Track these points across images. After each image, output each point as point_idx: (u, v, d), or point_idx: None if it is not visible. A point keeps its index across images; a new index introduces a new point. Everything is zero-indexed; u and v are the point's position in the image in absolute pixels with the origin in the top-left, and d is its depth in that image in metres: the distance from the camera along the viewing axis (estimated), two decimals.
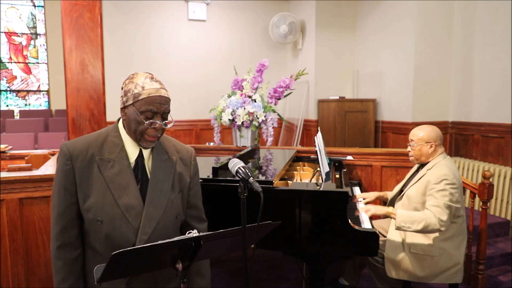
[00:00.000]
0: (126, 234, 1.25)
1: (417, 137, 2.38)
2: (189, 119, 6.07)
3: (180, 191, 1.38)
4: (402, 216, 2.19)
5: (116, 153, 1.28)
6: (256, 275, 3.09)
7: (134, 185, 1.28)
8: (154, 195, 1.29)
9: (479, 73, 4.29)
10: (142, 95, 1.24)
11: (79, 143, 1.29)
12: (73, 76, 2.86)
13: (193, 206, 1.47)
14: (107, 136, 1.31)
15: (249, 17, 6.33)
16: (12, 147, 4.01)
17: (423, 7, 4.52)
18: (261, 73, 3.63)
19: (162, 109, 1.26)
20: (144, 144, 1.28)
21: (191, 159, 1.45)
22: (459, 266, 2.29)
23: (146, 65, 5.78)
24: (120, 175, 1.27)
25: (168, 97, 1.30)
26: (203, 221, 1.51)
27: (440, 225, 2.14)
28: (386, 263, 2.34)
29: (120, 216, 1.25)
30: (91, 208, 1.25)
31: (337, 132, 5.11)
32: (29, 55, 7.59)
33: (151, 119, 1.25)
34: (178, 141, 1.48)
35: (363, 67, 5.61)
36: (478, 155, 4.29)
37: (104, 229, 1.24)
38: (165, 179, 1.33)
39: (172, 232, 1.34)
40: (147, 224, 1.26)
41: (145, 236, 1.25)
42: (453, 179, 2.21)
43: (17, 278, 2.22)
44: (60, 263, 1.27)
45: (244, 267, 1.30)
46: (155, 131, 1.27)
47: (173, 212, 1.34)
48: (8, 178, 2.16)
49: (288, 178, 2.69)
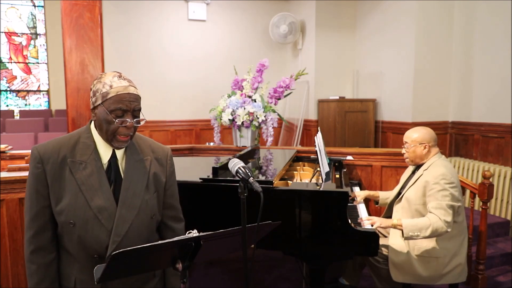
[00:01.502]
0: (99, 236, 1.24)
1: (410, 139, 2.39)
2: (189, 119, 6.07)
3: (155, 191, 1.36)
4: (408, 226, 2.16)
5: (88, 155, 1.27)
6: (256, 275, 3.09)
7: (106, 187, 1.26)
8: (127, 196, 1.28)
9: (479, 73, 4.28)
10: (110, 93, 1.23)
11: (50, 145, 1.27)
12: (73, 76, 2.86)
13: (170, 206, 1.44)
14: (79, 137, 1.30)
15: (249, 17, 6.33)
16: (12, 147, 4.00)
17: (423, 7, 4.52)
18: (261, 73, 3.63)
19: (132, 107, 1.25)
20: (116, 144, 1.27)
21: (167, 158, 1.43)
22: (463, 265, 2.29)
23: (146, 65, 5.79)
24: (92, 177, 1.25)
25: (138, 95, 1.28)
26: (180, 221, 1.49)
27: (447, 227, 2.14)
28: (390, 267, 2.32)
29: (92, 218, 1.23)
30: (63, 211, 1.23)
31: (337, 132, 5.11)
32: (29, 55, 7.59)
33: (121, 118, 1.23)
34: (154, 141, 1.46)
35: (363, 67, 5.61)
36: (478, 155, 4.29)
37: (77, 232, 1.23)
38: (138, 179, 1.31)
39: (146, 233, 1.33)
40: (120, 226, 1.25)
41: (118, 238, 1.24)
42: (451, 178, 2.21)
43: (17, 278, 2.22)
44: (34, 267, 1.26)
45: (244, 267, 1.30)
46: (126, 130, 1.25)
47: (147, 213, 1.32)
48: (8, 178, 2.17)
49: (288, 178, 2.69)
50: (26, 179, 2.16)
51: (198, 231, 1.14)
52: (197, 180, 2.19)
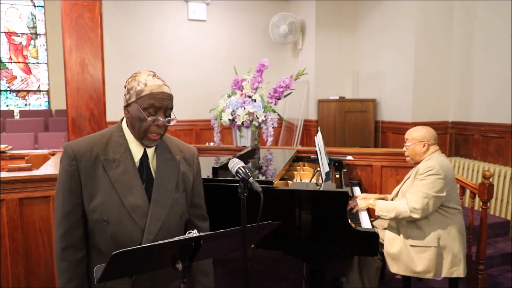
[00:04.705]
0: (132, 234, 1.25)
1: (411, 137, 2.45)
2: (189, 119, 6.07)
3: (184, 190, 1.38)
4: (379, 206, 2.35)
5: (121, 153, 1.28)
6: (256, 275, 3.09)
7: (139, 185, 1.28)
8: (159, 194, 1.29)
9: (479, 73, 4.28)
10: (145, 91, 1.24)
11: (83, 143, 1.28)
12: (73, 76, 2.86)
13: (197, 205, 1.47)
14: (111, 136, 1.31)
15: (249, 17, 6.33)
16: (12, 147, 4.00)
17: (423, 7, 4.52)
18: (261, 73, 3.63)
19: (165, 105, 1.26)
20: (146, 142, 1.28)
21: (194, 158, 1.46)
22: (459, 260, 2.29)
23: (146, 65, 5.78)
24: (125, 175, 1.26)
25: (171, 94, 1.29)
26: (205, 220, 1.52)
27: (411, 212, 2.23)
28: (386, 258, 2.38)
29: (126, 216, 1.24)
30: (96, 209, 1.24)
31: (337, 132, 5.11)
32: (29, 55, 7.59)
33: (154, 116, 1.25)
34: (180, 141, 1.48)
35: (363, 67, 5.61)
36: (478, 155, 4.29)
37: (110, 229, 1.24)
38: (169, 178, 1.33)
39: (176, 232, 1.34)
40: (153, 224, 1.26)
41: (151, 236, 1.25)
42: (439, 170, 2.24)
43: (17, 278, 2.22)
44: (65, 265, 1.26)
45: (244, 267, 1.30)
46: (157, 128, 1.26)
47: (178, 212, 1.35)
48: (8, 178, 2.16)
49: (288, 178, 2.69)
50: (26, 179, 2.19)
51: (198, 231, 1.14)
52: None
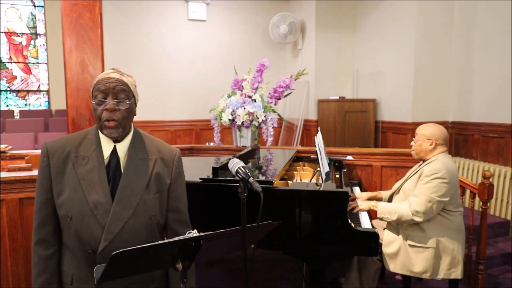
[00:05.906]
0: (93, 230, 1.25)
1: (420, 132, 2.45)
2: (189, 119, 6.07)
3: (157, 192, 1.34)
4: (381, 208, 2.35)
5: (91, 151, 1.30)
6: (256, 275, 3.09)
7: (104, 183, 1.27)
8: (124, 194, 1.28)
9: (479, 73, 4.28)
10: (94, 83, 1.28)
11: (59, 141, 1.32)
12: (73, 76, 2.86)
13: (175, 209, 1.41)
14: (86, 134, 1.34)
15: (249, 17, 6.33)
16: (12, 147, 4.00)
17: (423, 7, 4.52)
18: (261, 73, 3.63)
19: (111, 87, 1.25)
20: (106, 132, 1.27)
21: (174, 160, 1.41)
22: (457, 261, 2.28)
23: (146, 65, 5.79)
24: (92, 172, 1.27)
25: (120, 78, 1.27)
26: (186, 226, 1.44)
27: (413, 216, 2.21)
28: (384, 257, 2.37)
29: (88, 212, 1.25)
30: (63, 204, 1.26)
31: (337, 132, 5.11)
32: (29, 55, 7.58)
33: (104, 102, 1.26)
34: (163, 142, 1.44)
35: (363, 67, 5.61)
36: (478, 155, 4.29)
37: (73, 225, 1.25)
38: (139, 178, 1.31)
39: (145, 234, 1.31)
40: (114, 223, 1.25)
41: (111, 235, 1.24)
42: (445, 174, 2.23)
43: (17, 278, 2.22)
44: (36, 259, 1.30)
45: (244, 267, 1.30)
46: (109, 113, 1.25)
47: (145, 213, 1.30)
48: (8, 178, 2.17)
49: (288, 178, 2.69)
50: (26, 179, 2.19)
51: (198, 231, 1.13)
52: (197, 180, 2.18)
